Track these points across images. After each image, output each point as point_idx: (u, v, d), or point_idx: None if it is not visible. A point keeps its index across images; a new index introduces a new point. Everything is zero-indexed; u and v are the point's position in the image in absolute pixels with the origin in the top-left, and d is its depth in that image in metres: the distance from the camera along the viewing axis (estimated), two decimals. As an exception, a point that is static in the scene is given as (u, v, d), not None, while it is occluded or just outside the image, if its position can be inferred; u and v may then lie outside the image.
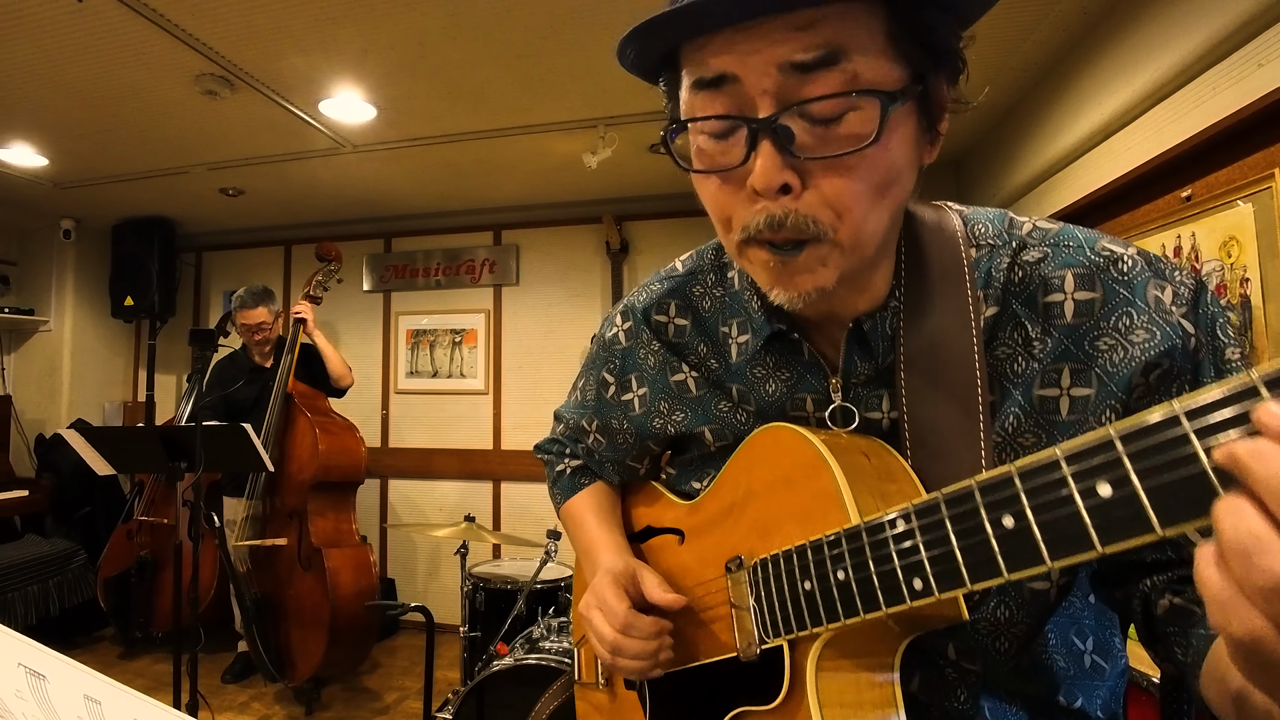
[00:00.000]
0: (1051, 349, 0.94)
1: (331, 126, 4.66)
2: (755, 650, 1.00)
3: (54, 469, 6.42)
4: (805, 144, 0.83)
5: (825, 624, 0.89)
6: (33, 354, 6.93)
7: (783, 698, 0.96)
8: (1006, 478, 0.69)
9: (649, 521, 1.39)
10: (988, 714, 1.01)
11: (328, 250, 5.49)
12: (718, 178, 0.91)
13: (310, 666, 4.73)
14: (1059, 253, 0.96)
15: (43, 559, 5.59)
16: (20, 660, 0.59)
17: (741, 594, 1.04)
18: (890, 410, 1.03)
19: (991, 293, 0.98)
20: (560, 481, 1.51)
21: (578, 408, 1.44)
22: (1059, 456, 0.64)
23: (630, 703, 1.33)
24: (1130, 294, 0.91)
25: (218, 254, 7.43)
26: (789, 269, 0.89)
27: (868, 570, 0.83)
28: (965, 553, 0.73)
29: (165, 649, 5.48)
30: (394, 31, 3.51)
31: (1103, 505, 0.61)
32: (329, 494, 5.01)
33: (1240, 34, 2.53)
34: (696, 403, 1.21)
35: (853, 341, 1.03)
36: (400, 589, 6.59)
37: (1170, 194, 3.12)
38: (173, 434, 3.85)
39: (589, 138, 4.77)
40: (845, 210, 0.85)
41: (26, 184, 5.76)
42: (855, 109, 0.81)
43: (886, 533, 0.81)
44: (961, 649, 1.01)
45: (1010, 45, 3.68)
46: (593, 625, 1.17)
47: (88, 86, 4.06)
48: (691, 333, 1.21)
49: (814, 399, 1.09)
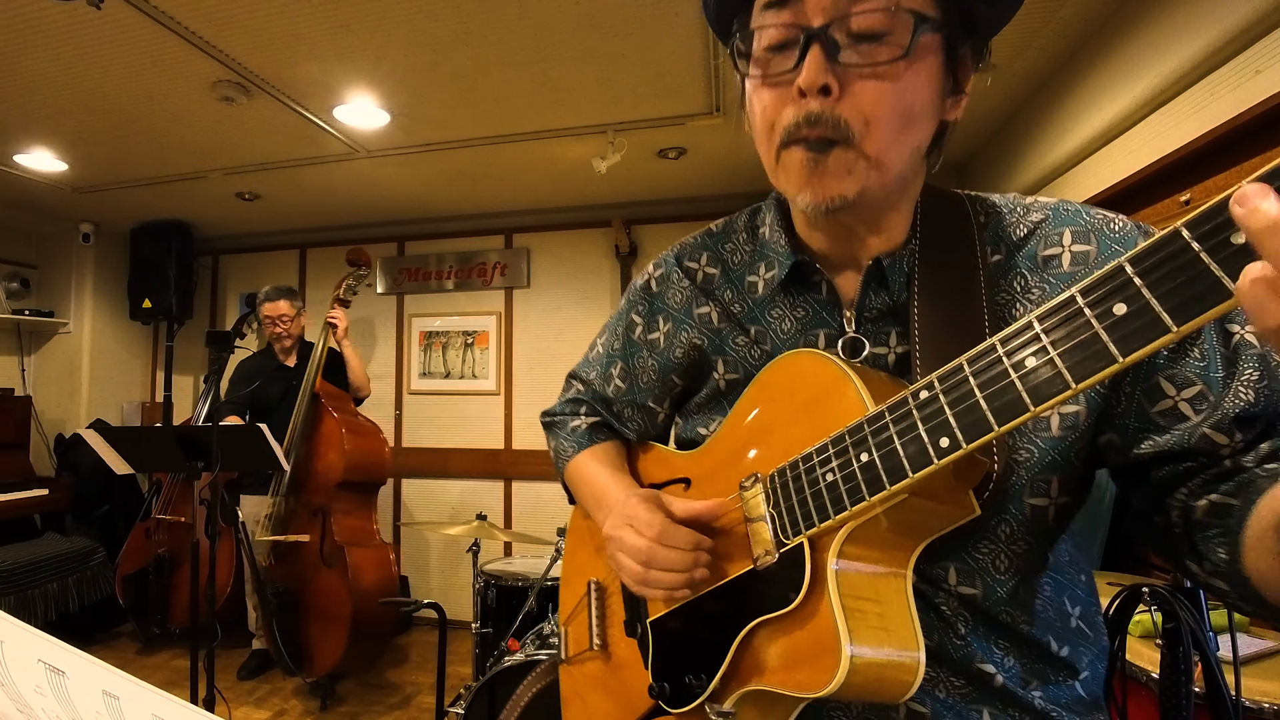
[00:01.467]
0: (1049, 295, 1.00)
1: (346, 132, 4.65)
2: (774, 556, 1.00)
3: (73, 468, 6.44)
4: (847, 54, 0.94)
5: (849, 508, 0.90)
6: (53, 355, 6.95)
7: (803, 596, 0.95)
8: (1026, 325, 0.75)
9: (651, 479, 1.39)
10: (983, 655, 1.03)
11: (359, 255, 5.53)
12: (769, 84, 1.01)
13: (329, 662, 4.74)
14: (1059, 215, 1.06)
15: (62, 556, 5.59)
16: (40, 656, 0.59)
17: (756, 506, 1.05)
18: (897, 345, 1.09)
19: (998, 246, 1.08)
20: (574, 436, 1.52)
21: (601, 360, 1.48)
22: (1074, 293, 0.71)
23: (628, 659, 1.31)
24: (1123, 247, 0.98)
25: (234, 257, 7.44)
26: (819, 170, 0.98)
27: (892, 445, 0.86)
28: (989, 399, 0.77)
29: (182, 645, 5.50)
30: (407, 39, 3.51)
31: (1119, 321, 0.68)
32: (354, 493, 5.03)
33: (1238, 41, 2.53)
34: (716, 334, 1.25)
35: (871, 277, 1.10)
36: (414, 586, 6.59)
37: (1170, 198, 3.12)
38: (190, 434, 3.84)
39: (599, 143, 4.76)
40: (874, 119, 0.95)
41: (46, 189, 5.78)
42: (892, 30, 0.93)
43: (910, 404, 0.85)
44: (962, 571, 1.04)
45: (1013, 52, 3.67)
46: (624, 540, 1.16)
47: (106, 93, 4.07)
48: (720, 280, 1.27)
49: (827, 334, 1.14)
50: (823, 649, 0.90)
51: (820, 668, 0.90)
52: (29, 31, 3.39)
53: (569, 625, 1.52)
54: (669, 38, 3.47)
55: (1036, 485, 1.01)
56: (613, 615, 1.38)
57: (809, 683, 0.92)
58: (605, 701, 1.37)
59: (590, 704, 1.42)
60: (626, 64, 3.76)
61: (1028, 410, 0.74)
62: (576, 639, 1.47)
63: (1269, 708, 1.97)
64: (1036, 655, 1.06)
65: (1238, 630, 2.05)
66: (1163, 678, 1.81)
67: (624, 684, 1.32)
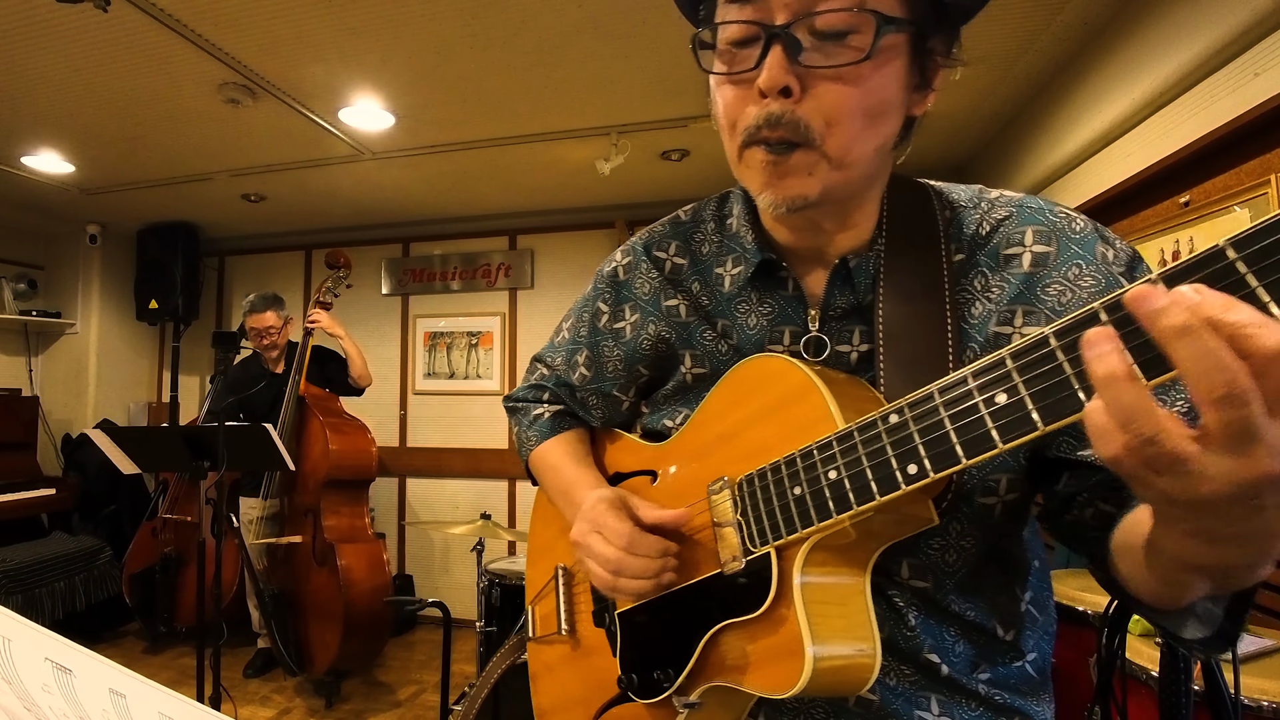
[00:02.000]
0: (1009, 293, 1.02)
1: (351, 134, 4.66)
2: (741, 562, 1.02)
3: (80, 468, 6.45)
4: (810, 55, 0.93)
5: (816, 523, 0.92)
6: (59, 356, 6.97)
7: (769, 603, 0.97)
8: (999, 361, 0.75)
9: (616, 468, 1.39)
10: (930, 646, 1.06)
11: (337, 257, 5.53)
12: (731, 81, 1.01)
13: (327, 659, 4.75)
14: (1023, 213, 1.06)
15: (69, 556, 5.60)
16: (47, 655, 0.59)
17: (725, 511, 1.06)
18: (860, 343, 1.10)
19: (961, 244, 1.08)
20: (537, 424, 1.50)
21: (566, 346, 1.46)
22: (1048, 333, 0.71)
23: (596, 645, 1.33)
24: (1081, 250, 1.00)
25: (240, 258, 7.46)
26: (779, 170, 0.98)
27: (860, 465, 0.88)
28: (959, 431, 0.78)
29: (189, 643, 5.51)
30: (412, 42, 3.51)
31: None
32: (341, 491, 5.03)
33: (1237, 43, 2.54)
34: (683, 327, 1.25)
35: (837, 277, 1.10)
36: (418, 585, 6.60)
37: (1169, 199, 3.13)
38: (196, 434, 3.86)
39: (602, 145, 4.77)
40: (836, 122, 0.94)
41: (54, 190, 5.79)
42: (857, 31, 0.91)
43: (879, 427, 0.86)
44: (915, 565, 1.07)
45: (1013, 55, 3.68)
46: (592, 549, 1.16)
47: (113, 95, 4.08)
48: (688, 271, 1.26)
49: (792, 331, 1.14)
50: (788, 652, 0.94)
51: (785, 670, 0.94)
52: (37, 34, 3.40)
53: (536, 605, 1.52)
54: (670, 40, 3.46)
55: (986, 485, 1.03)
56: (580, 602, 1.39)
57: (774, 684, 0.96)
58: (573, 682, 1.39)
59: (560, 682, 1.43)
60: (629, 67, 3.76)
61: (996, 447, 0.75)
62: (544, 620, 1.48)
63: (1268, 705, 1.97)
64: (985, 640, 1.09)
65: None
66: (1162, 676, 1.81)
67: (593, 667, 1.33)
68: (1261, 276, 0.57)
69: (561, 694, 1.42)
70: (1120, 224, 3.54)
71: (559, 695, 1.43)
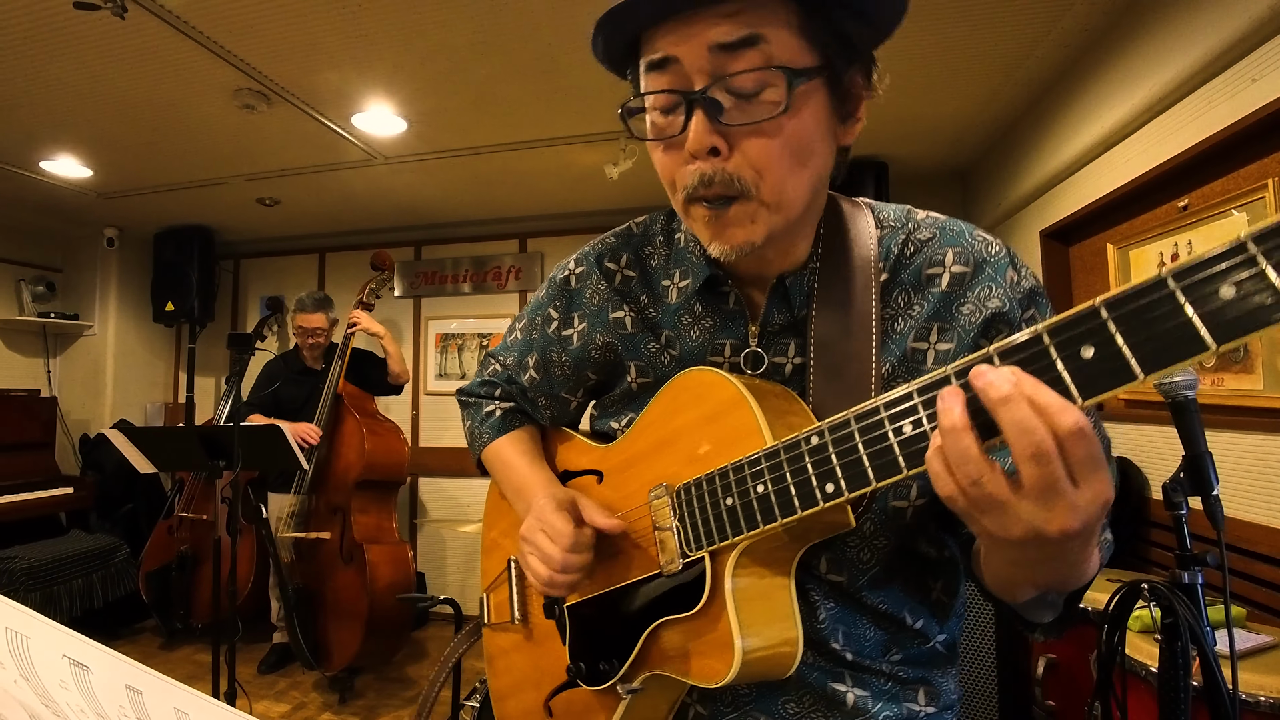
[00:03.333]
0: (926, 311, 1.10)
1: (364, 139, 4.67)
2: (678, 564, 1.09)
3: (98, 467, 6.46)
4: (730, 114, 0.97)
5: (745, 532, 1.00)
6: (77, 357, 6.99)
7: (704, 603, 1.05)
8: (907, 395, 0.81)
9: (566, 465, 1.45)
10: (842, 634, 1.15)
11: (382, 259, 5.58)
12: (663, 146, 1.06)
13: (346, 656, 4.74)
14: (945, 235, 1.12)
15: (87, 554, 5.61)
16: (64, 651, 0.59)
17: (665, 516, 1.12)
18: (795, 356, 1.16)
19: (887, 264, 1.14)
20: (489, 421, 1.54)
21: (518, 345, 1.51)
22: (950, 372, 0.77)
23: (546, 633, 1.39)
24: (995, 273, 1.08)
25: (255, 261, 7.47)
26: (721, 222, 1.03)
27: (785, 482, 0.94)
28: (871, 457, 0.84)
29: (204, 640, 5.51)
30: (424, 48, 3.51)
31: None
32: (372, 492, 5.04)
33: (1235, 50, 2.54)
34: (629, 339, 1.30)
35: (775, 294, 1.16)
36: (430, 582, 6.59)
37: (1168, 204, 3.14)
38: (211, 434, 3.86)
39: (610, 150, 4.77)
40: (765, 170, 0.99)
41: (72, 194, 5.80)
42: (771, 85, 0.96)
43: (802, 448, 0.92)
44: (832, 561, 1.14)
45: (1014, 62, 3.67)
46: (538, 545, 1.21)
47: (130, 101, 4.08)
48: (637, 283, 1.31)
49: (732, 344, 1.20)
50: (720, 645, 1.02)
51: (718, 661, 1.03)
52: (55, 41, 3.40)
53: (491, 593, 1.58)
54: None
55: (898, 490, 1.10)
56: (532, 593, 1.45)
57: (708, 675, 1.05)
58: (526, 666, 1.46)
59: (513, 665, 1.50)
60: (638, 72, 3.76)
61: (902, 472, 0.82)
62: (498, 607, 1.54)
63: (1265, 701, 1.98)
64: (895, 628, 1.17)
65: (1234, 626, 2.06)
66: (1162, 672, 1.81)
67: (543, 653, 1.40)
68: (1067, 363, 0.69)
69: (516, 677, 1.48)
70: (1120, 227, 3.54)
71: (513, 678, 1.49)
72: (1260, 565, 2.65)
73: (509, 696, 1.50)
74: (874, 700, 1.15)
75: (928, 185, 5.58)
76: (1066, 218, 3.88)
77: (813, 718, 1.16)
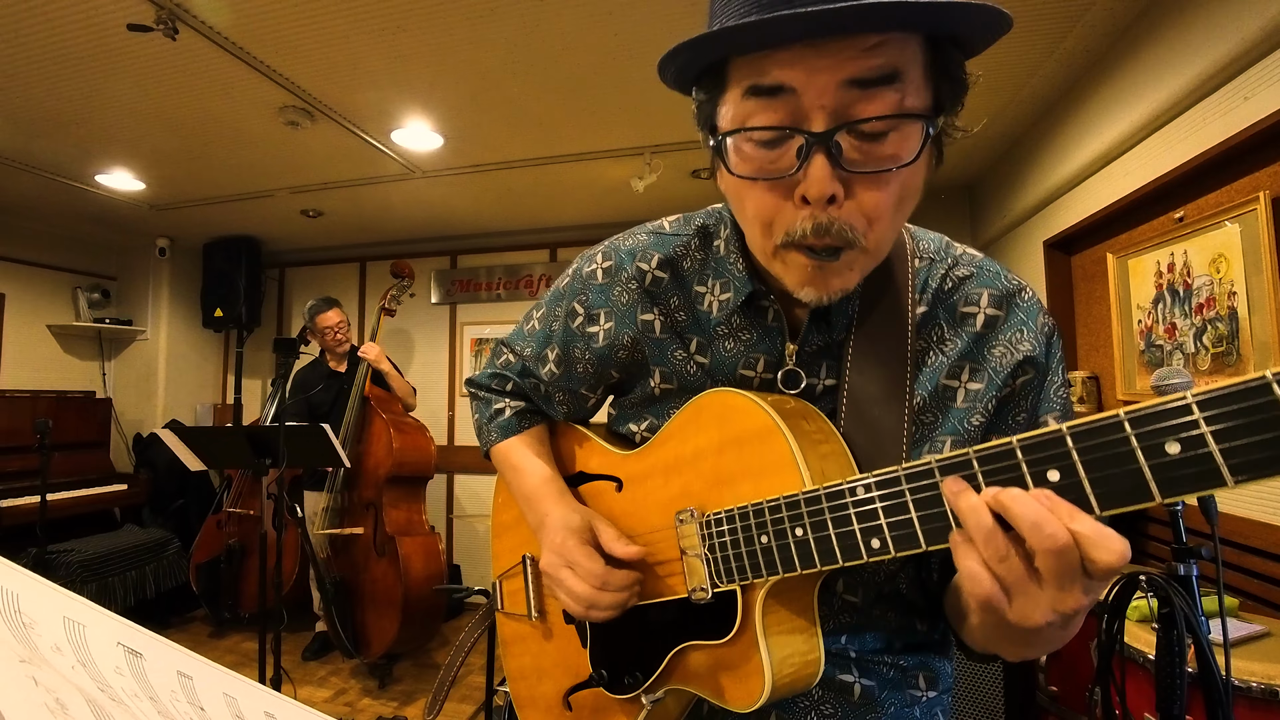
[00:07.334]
0: (960, 349, 1.06)
1: (402, 154, 4.68)
2: (708, 594, 1.05)
3: (150, 465, 6.52)
4: (853, 159, 0.85)
5: (781, 574, 0.95)
6: (131, 361, 7.05)
7: (734, 634, 1.02)
8: (966, 460, 0.77)
9: (581, 466, 1.37)
10: (851, 639, 1.15)
11: (401, 268, 5.59)
12: (764, 183, 0.90)
13: (384, 644, 4.76)
14: (982, 275, 1.08)
15: (140, 547, 5.67)
16: (119, 640, 0.59)
17: (693, 543, 1.08)
18: (826, 378, 1.12)
19: (925, 296, 1.09)
20: (497, 420, 1.44)
21: (536, 336, 1.38)
22: (1015, 443, 0.74)
23: (565, 632, 1.34)
24: (1027, 318, 1.05)
25: (299, 270, 7.52)
26: (824, 272, 0.92)
27: (826, 530, 0.90)
28: (923, 520, 0.81)
29: (251, 628, 5.54)
30: (459, 68, 3.51)
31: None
32: (402, 487, 5.04)
33: (1229, 69, 2.55)
34: (657, 343, 1.21)
35: (817, 315, 1.09)
36: (465, 574, 6.61)
37: (1165, 215, 3.17)
38: (258, 433, 3.87)
39: (636, 164, 4.76)
40: (876, 220, 0.88)
41: (126, 206, 5.86)
42: (896, 129, 0.84)
43: (847, 499, 0.87)
44: (849, 582, 1.13)
45: (1019, 80, 3.67)
46: (564, 583, 1.16)
47: (181, 118, 4.10)
48: (669, 286, 1.20)
49: (766, 360, 1.14)
50: (750, 674, 1.00)
51: (747, 689, 1.00)
52: (110, 62, 3.42)
53: (504, 580, 1.51)
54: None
55: None
56: (550, 592, 1.33)
57: (738, 701, 1.02)
58: (543, 656, 1.40)
59: (530, 652, 1.44)
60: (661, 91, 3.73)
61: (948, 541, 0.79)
62: (512, 595, 1.48)
63: (1256, 686, 1.99)
64: (901, 633, 1.17)
65: (1228, 615, 2.07)
66: (1158, 659, 1.83)
67: (561, 649, 1.35)
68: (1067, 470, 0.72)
69: (532, 664, 1.42)
70: (1119, 238, 3.54)
71: (529, 664, 1.43)
72: (1252, 558, 2.66)
73: (523, 679, 1.45)
74: (880, 689, 1.14)
75: (937, 198, 5.52)
76: (1068, 228, 3.87)
77: (824, 708, 1.14)
